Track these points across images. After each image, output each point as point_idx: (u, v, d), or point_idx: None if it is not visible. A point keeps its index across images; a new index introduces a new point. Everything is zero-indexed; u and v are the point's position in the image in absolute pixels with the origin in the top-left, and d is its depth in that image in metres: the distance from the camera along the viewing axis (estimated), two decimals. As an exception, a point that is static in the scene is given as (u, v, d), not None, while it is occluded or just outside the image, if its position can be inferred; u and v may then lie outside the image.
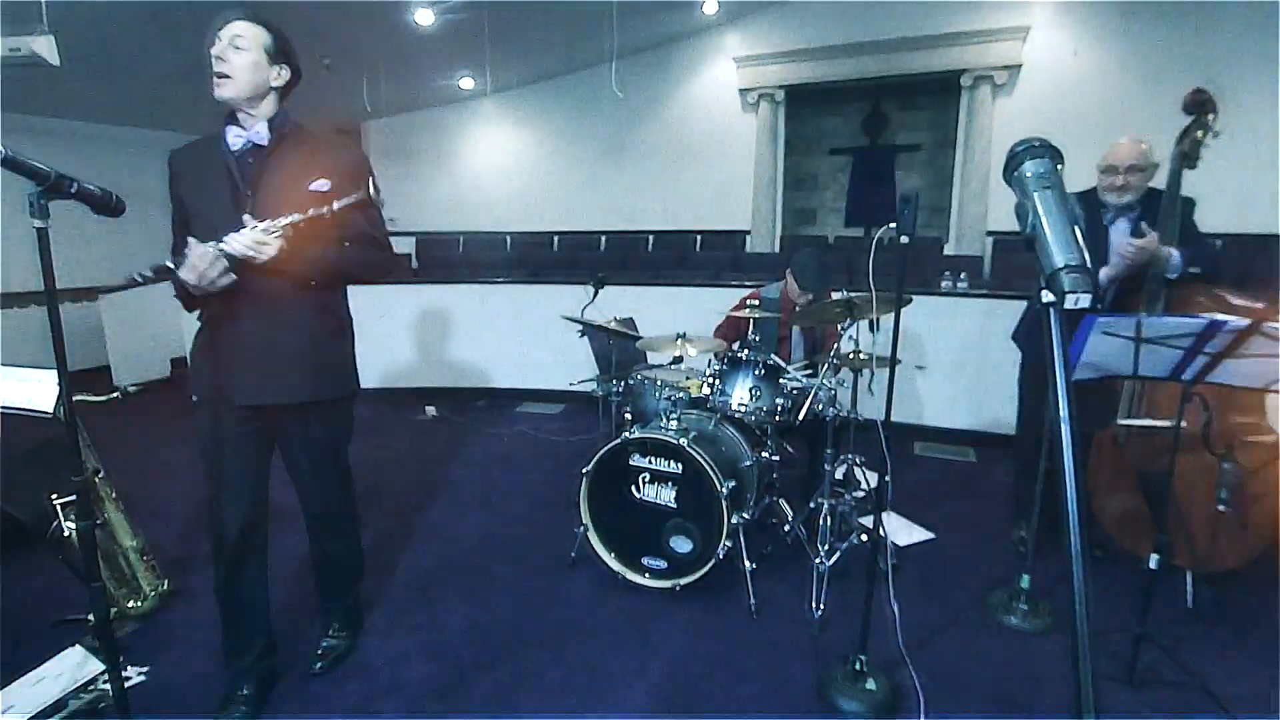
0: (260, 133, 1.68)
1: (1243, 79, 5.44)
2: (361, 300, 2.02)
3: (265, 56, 1.66)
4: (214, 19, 1.64)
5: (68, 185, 1.19)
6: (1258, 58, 5.47)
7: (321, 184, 1.70)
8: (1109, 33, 5.97)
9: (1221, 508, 1.95)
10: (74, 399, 1.29)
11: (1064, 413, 0.58)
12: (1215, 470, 1.98)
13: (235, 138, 1.68)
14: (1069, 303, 0.61)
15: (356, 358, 1.96)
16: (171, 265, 1.55)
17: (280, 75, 1.70)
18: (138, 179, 4.12)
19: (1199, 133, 2.31)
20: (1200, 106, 2.32)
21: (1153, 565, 2.01)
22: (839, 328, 2.78)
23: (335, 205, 1.57)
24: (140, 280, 1.51)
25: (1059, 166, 0.72)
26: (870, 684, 1.95)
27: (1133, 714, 1.91)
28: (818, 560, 2.48)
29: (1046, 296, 0.62)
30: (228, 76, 1.61)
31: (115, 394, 2.18)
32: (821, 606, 2.36)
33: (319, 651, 2.12)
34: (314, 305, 1.77)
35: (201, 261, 1.52)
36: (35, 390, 1.67)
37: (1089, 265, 0.63)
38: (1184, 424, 2.01)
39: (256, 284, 1.64)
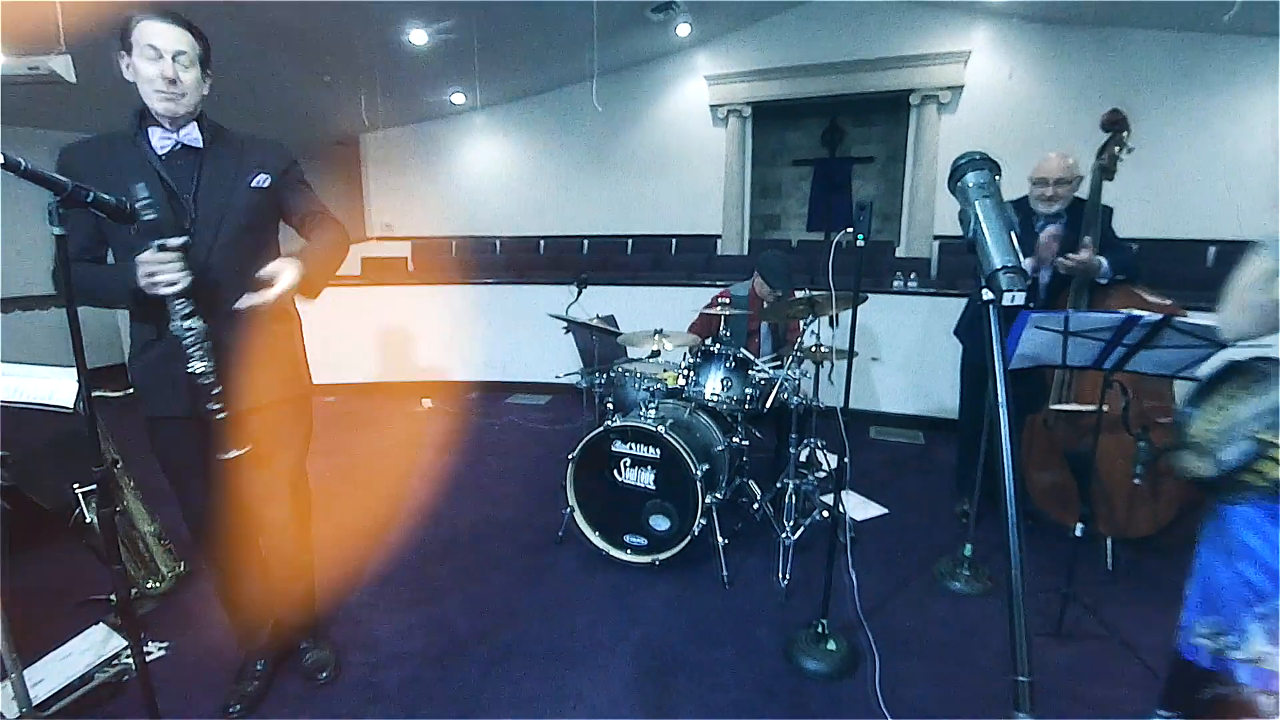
0: (193, 135, 1.51)
1: (1152, 101, 5.59)
2: (361, 300, 1.97)
3: (200, 69, 1.49)
4: (138, 16, 1.41)
5: (84, 195, 1.15)
6: (1164, 83, 5.63)
7: (262, 179, 1.58)
8: (1040, 58, 6.08)
9: (1137, 481, 2.01)
10: (93, 395, 1.26)
11: (1001, 399, 0.59)
12: (1132, 448, 2.04)
13: (163, 140, 1.48)
14: (1006, 300, 0.61)
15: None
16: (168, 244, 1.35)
17: (208, 84, 1.54)
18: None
19: (1115, 148, 2.36)
20: (1116, 125, 2.38)
21: (1077, 533, 2.08)
22: (801, 323, 2.80)
23: None
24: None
25: (997, 177, 0.72)
26: (831, 645, 1.98)
27: (1060, 663, 1.97)
28: (783, 535, 2.51)
29: (986, 294, 0.62)
30: (182, 95, 1.45)
31: (131, 390, 2.13)
32: (787, 577, 2.39)
33: (313, 667, 1.93)
34: (273, 307, 1.59)
35: (156, 264, 1.35)
36: (57, 387, 1.62)
37: (1024, 267, 0.65)
38: (1105, 408, 2.07)
39: (220, 292, 1.50)
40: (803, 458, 2.88)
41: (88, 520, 2.00)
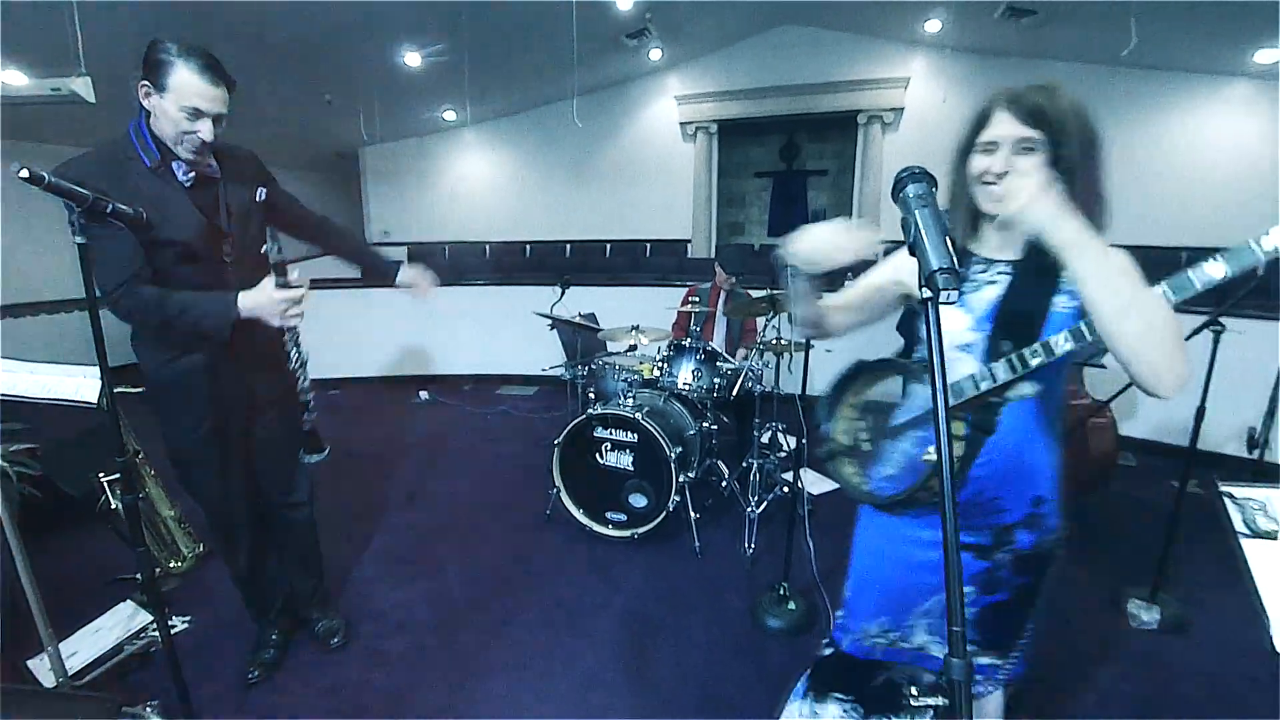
0: (212, 165, 1.45)
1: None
2: (361, 300, 1.93)
3: None
4: (178, 60, 1.28)
5: (103, 206, 1.11)
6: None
7: (262, 193, 1.55)
8: (969, 85, 6.20)
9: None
10: (115, 391, 1.24)
11: (939, 387, 0.60)
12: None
13: (186, 173, 1.40)
14: (942, 299, 0.61)
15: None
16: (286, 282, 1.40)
17: None
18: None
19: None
20: None
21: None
22: (758, 320, 2.83)
23: None
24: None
25: (934, 189, 0.73)
26: (791, 605, 2.02)
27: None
28: (749, 509, 2.53)
29: (925, 294, 0.62)
30: (209, 145, 1.38)
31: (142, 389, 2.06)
32: (752, 546, 2.42)
33: (325, 634, 1.91)
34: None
35: (293, 300, 1.39)
36: (81, 384, 1.57)
37: (958, 268, 0.65)
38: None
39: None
40: (765, 440, 2.91)
41: (113, 506, 1.96)
